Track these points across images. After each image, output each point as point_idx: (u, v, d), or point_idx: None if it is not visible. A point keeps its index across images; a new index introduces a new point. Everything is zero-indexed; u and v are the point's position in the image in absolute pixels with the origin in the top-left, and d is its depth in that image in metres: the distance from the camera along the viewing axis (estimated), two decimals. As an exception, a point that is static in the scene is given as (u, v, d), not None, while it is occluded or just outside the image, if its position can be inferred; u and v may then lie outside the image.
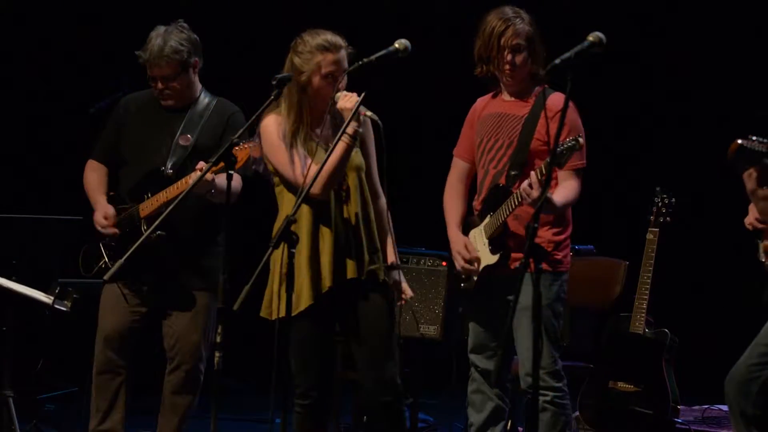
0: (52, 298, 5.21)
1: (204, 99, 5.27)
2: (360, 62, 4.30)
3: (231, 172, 4.32)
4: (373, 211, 4.59)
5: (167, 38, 5.12)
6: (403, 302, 4.63)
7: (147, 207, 5.12)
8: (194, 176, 4.85)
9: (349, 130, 4.35)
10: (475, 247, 4.84)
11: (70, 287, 5.29)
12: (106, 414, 5.18)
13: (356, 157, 4.51)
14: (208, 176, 4.75)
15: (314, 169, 4.29)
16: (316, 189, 4.32)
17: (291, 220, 4.00)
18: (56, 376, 6.31)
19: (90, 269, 5.25)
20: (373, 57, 4.30)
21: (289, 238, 4.01)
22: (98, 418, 5.19)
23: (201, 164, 4.87)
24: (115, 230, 5.17)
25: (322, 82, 4.46)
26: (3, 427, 5.37)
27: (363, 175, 4.56)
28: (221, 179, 4.75)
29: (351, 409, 6.28)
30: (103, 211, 5.18)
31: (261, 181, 5.18)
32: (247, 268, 3.93)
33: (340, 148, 4.35)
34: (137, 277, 5.10)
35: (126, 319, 5.18)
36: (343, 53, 4.47)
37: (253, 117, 4.35)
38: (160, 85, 5.16)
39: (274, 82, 4.32)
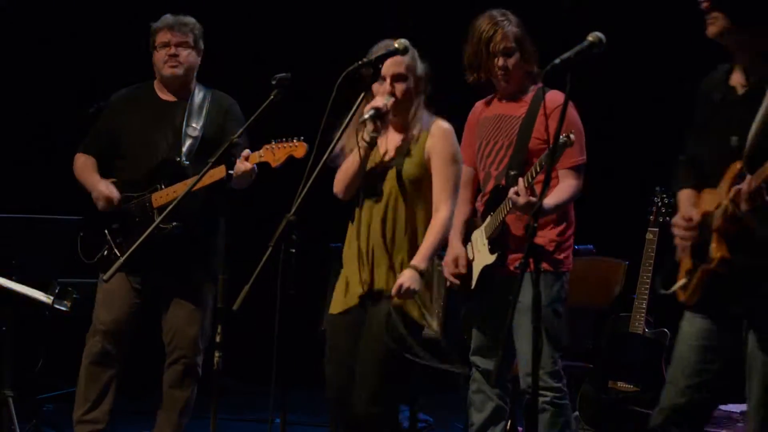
0: (52, 298, 5.21)
1: (200, 92, 5.31)
2: (359, 62, 4.30)
3: (231, 172, 4.36)
4: (426, 223, 4.51)
5: (187, 17, 5.29)
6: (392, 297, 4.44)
7: (162, 197, 5.13)
8: (217, 171, 4.92)
9: (364, 135, 4.41)
10: (476, 247, 4.84)
11: (70, 287, 5.29)
12: (95, 404, 5.19)
13: (405, 166, 4.48)
14: (248, 166, 4.88)
15: (342, 168, 4.48)
16: (334, 188, 4.54)
17: (290, 220, 4.00)
18: (56, 376, 6.31)
19: (92, 256, 5.25)
20: (372, 57, 4.30)
21: (288, 238, 4.01)
22: (85, 408, 5.19)
23: (246, 152, 4.93)
24: (116, 196, 5.16)
25: (377, 85, 4.47)
26: (3, 427, 5.37)
27: (408, 185, 4.49)
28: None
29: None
30: (106, 183, 5.19)
31: (260, 180, 5.19)
32: (247, 268, 3.93)
33: (353, 153, 4.44)
34: (144, 266, 5.10)
35: (124, 312, 5.19)
36: (399, 58, 4.43)
37: (253, 117, 4.36)
38: (171, 50, 5.20)
39: (273, 82, 4.33)
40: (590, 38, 3.61)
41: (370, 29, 4.71)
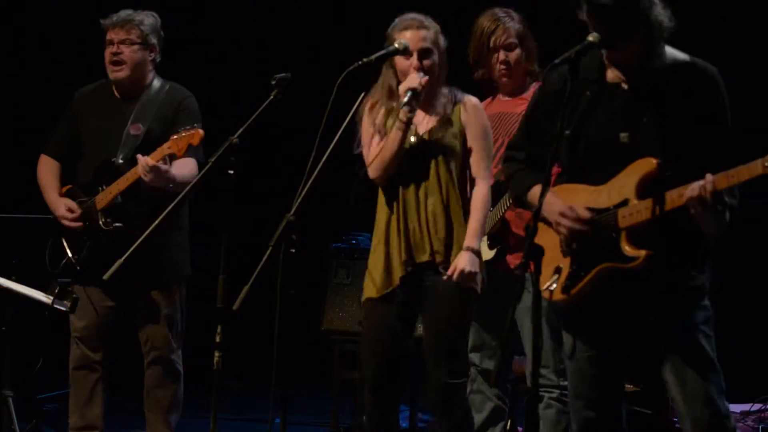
0: (52, 298, 5.20)
1: (156, 84, 5.25)
2: (359, 62, 4.30)
3: (230, 171, 4.33)
4: (468, 197, 4.50)
5: (137, 13, 5.20)
6: (446, 277, 4.41)
7: (102, 199, 5.11)
8: (139, 168, 4.90)
9: (401, 116, 4.37)
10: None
11: (70, 287, 5.28)
12: (85, 410, 5.18)
13: (448, 140, 4.46)
14: (150, 162, 4.83)
15: (375, 150, 4.43)
16: (370, 173, 4.46)
17: (290, 220, 4.00)
18: (56, 376, 6.31)
19: (56, 265, 5.24)
20: (372, 57, 4.31)
21: (288, 238, 4.01)
22: (77, 415, 5.20)
23: (139, 157, 4.92)
24: (80, 224, 5.15)
25: (403, 60, 4.46)
26: (3, 427, 5.37)
27: (453, 161, 4.47)
28: (176, 168, 4.82)
29: (351, 409, 6.28)
30: (65, 205, 5.17)
31: (259, 180, 5.19)
32: (247, 268, 3.93)
33: (391, 134, 4.40)
34: (95, 276, 4.98)
35: (94, 317, 5.18)
36: (424, 33, 4.44)
37: (253, 117, 4.35)
38: (114, 48, 5.15)
39: (273, 82, 4.32)
40: (590, 38, 3.61)
41: (370, 29, 4.71)
